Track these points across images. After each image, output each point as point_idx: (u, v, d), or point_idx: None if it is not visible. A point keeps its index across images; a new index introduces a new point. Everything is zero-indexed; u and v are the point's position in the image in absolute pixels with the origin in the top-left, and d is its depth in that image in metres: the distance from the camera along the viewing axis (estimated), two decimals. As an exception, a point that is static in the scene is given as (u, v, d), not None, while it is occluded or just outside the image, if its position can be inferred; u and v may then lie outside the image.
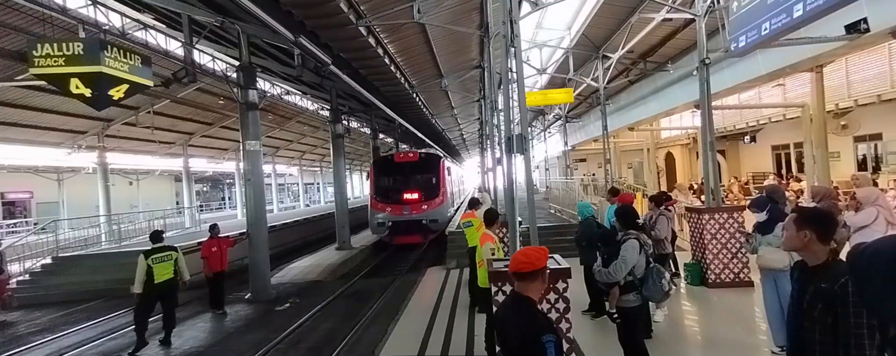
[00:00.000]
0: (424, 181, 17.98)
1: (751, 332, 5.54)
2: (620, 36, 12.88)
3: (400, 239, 17.04)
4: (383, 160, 19.24)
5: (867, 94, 12.92)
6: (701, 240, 7.59)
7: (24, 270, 12.73)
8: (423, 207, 16.98)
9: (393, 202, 17.28)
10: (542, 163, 34.67)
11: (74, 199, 21.14)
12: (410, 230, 16.92)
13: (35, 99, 14.07)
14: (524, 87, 5.19)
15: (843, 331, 1.81)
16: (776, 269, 4.51)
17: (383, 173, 18.29)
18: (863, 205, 4.89)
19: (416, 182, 17.87)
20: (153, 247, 7.31)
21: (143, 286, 7.07)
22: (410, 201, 17.18)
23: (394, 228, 16.97)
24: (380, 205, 17.28)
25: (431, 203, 17.17)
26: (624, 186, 19.88)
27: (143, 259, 7.10)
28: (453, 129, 30.41)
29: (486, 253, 5.06)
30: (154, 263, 7.12)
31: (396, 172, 18.13)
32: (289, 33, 8.27)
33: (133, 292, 7.25)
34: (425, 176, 18.07)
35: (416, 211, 16.94)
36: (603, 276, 4.08)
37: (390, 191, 17.75)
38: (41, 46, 7.49)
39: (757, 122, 18.34)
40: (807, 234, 2.02)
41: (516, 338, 2.18)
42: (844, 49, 8.99)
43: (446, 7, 10.31)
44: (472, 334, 6.16)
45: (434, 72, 15.24)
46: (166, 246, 7.51)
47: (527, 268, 2.29)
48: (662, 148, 25.98)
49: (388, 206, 17.14)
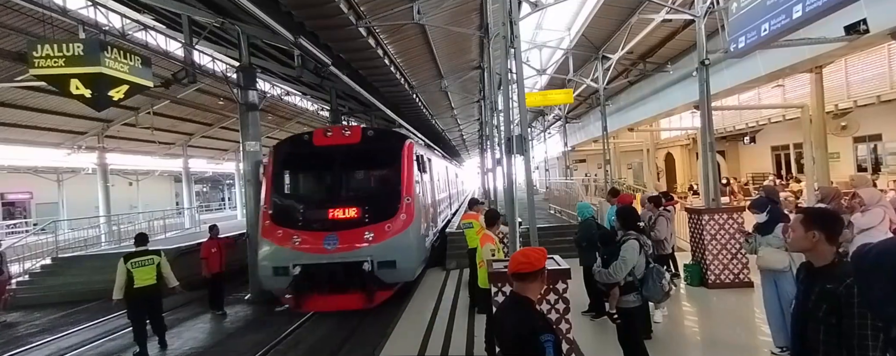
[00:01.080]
0: (372, 183, 9.95)
1: (751, 333, 5.54)
2: (620, 37, 12.89)
3: (315, 301, 8.29)
4: (292, 144, 9.91)
5: (867, 95, 12.94)
6: (701, 241, 7.59)
7: (23, 271, 12.72)
8: (366, 237, 8.32)
9: (304, 226, 8.63)
10: (542, 163, 34.67)
11: (74, 200, 21.12)
12: (339, 283, 8.18)
13: (35, 100, 14.06)
14: (524, 87, 5.20)
15: (848, 332, 1.80)
16: (776, 270, 4.51)
17: (291, 169, 9.68)
18: (867, 206, 4.87)
19: (354, 185, 9.58)
20: (134, 251, 7.02)
21: (122, 291, 6.75)
22: (340, 224, 8.48)
23: (304, 279, 8.10)
24: (278, 232, 8.56)
25: (384, 228, 8.43)
26: (624, 187, 19.89)
27: (123, 263, 6.82)
28: (453, 129, 30.41)
29: (486, 253, 5.06)
30: (134, 268, 6.82)
31: (316, 167, 9.59)
32: (289, 34, 8.27)
33: (113, 299, 6.86)
34: (374, 173, 9.93)
35: (352, 243, 8.27)
36: (603, 277, 4.09)
37: (301, 203, 9.17)
38: (41, 47, 7.48)
39: (756, 122, 18.36)
40: (816, 235, 2.01)
41: (514, 338, 2.19)
42: (844, 50, 9.00)
43: (446, 8, 10.32)
44: (471, 335, 6.15)
45: (434, 72, 15.24)
46: (149, 250, 7.15)
47: (525, 268, 2.30)
48: (662, 148, 26.00)
49: (294, 234, 8.47)
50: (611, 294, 4.11)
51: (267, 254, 8.41)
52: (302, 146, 9.42)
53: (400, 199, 8.66)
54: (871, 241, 1.36)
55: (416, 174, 9.32)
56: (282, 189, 9.32)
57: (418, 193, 9.25)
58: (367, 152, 9.27)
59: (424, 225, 9.55)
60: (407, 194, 8.72)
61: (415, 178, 9.13)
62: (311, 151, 9.23)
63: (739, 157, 22.45)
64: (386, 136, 10.07)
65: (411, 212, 8.61)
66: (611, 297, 4.14)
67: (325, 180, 9.57)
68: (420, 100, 17.75)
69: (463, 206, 18.45)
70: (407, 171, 9.01)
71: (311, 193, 9.73)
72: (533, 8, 10.00)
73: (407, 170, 9.04)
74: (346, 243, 8.14)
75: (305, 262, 8.01)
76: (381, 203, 8.76)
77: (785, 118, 16.31)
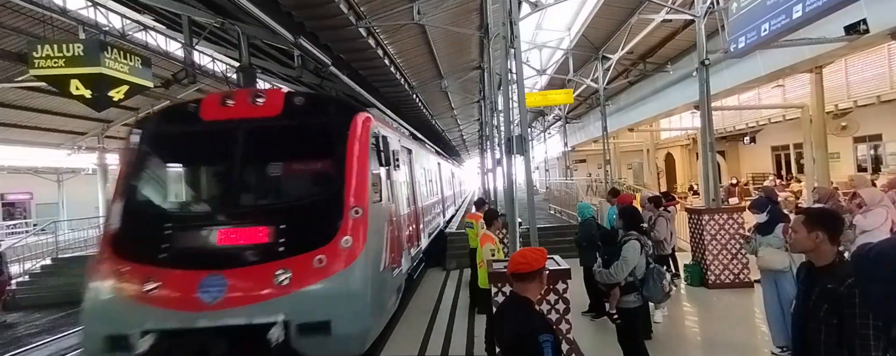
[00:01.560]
0: (295, 185, 5.70)
1: (751, 333, 5.54)
2: (620, 37, 12.89)
3: None
4: (166, 119, 5.76)
5: (867, 95, 12.93)
6: (701, 241, 7.59)
7: (23, 271, 12.72)
8: (277, 280, 4.33)
9: (169, 261, 4.52)
10: (542, 163, 34.67)
11: (74, 200, 21.13)
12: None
13: (35, 100, 14.07)
14: (524, 87, 5.20)
15: (849, 332, 1.80)
16: (776, 270, 4.51)
17: (158, 160, 5.48)
18: (869, 206, 4.85)
19: (263, 188, 5.47)
20: None
21: None
22: (233, 258, 4.51)
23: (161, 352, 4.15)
24: (121, 271, 4.51)
25: (312, 262, 4.44)
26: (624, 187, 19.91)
27: None
28: (453, 129, 30.41)
29: (486, 253, 5.07)
30: None
31: (201, 156, 5.59)
32: (289, 34, 8.27)
33: None
34: (300, 167, 5.82)
35: (251, 292, 4.34)
36: (604, 277, 4.09)
37: (167, 220, 4.87)
38: (41, 47, 7.49)
39: (756, 122, 18.35)
40: (819, 235, 2.01)
41: (514, 339, 2.19)
42: (844, 50, 9.00)
43: (446, 8, 10.32)
44: (472, 335, 6.15)
45: (434, 73, 15.24)
46: None
47: (524, 268, 2.30)
48: (662, 149, 26.00)
49: (149, 275, 4.39)
50: (611, 294, 4.12)
51: (97, 311, 4.53)
52: (182, 121, 5.39)
53: (342, 212, 4.74)
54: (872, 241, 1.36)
55: (376, 168, 5.53)
56: (135, 195, 5.12)
57: (379, 200, 5.52)
58: (289, 132, 5.29)
59: (388, 253, 5.52)
60: (355, 202, 4.82)
61: (372, 174, 5.28)
62: (195, 130, 5.25)
63: (739, 158, 22.44)
64: (323, 106, 5.85)
65: (361, 233, 4.74)
66: (611, 298, 4.14)
67: (213, 179, 5.65)
68: (420, 100, 17.74)
69: (460, 212, 17.77)
70: (356, 164, 5.07)
71: (186, 202, 5.63)
72: (533, 8, 10.00)
73: (357, 161, 5.10)
74: (241, 291, 4.32)
75: (165, 326, 4.21)
76: (309, 218, 4.85)
77: (785, 118, 16.30)
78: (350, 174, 5.00)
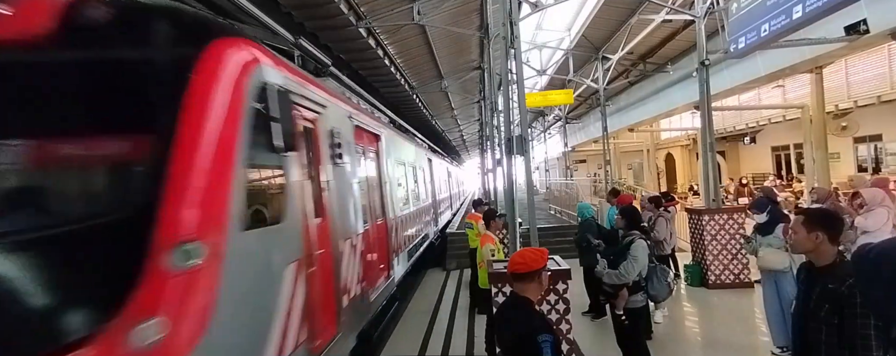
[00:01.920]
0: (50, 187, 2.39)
1: (751, 333, 5.54)
2: (620, 37, 12.90)
3: None
4: None
5: (867, 95, 12.93)
6: (701, 242, 7.59)
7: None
8: None
9: None
10: (542, 164, 34.68)
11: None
12: None
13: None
14: (524, 88, 5.20)
15: (850, 332, 1.80)
16: (776, 270, 4.51)
17: None
18: (870, 207, 4.84)
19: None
20: None
21: None
22: None
23: None
24: None
25: None
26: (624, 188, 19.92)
27: None
28: (453, 130, 30.42)
29: (486, 254, 5.07)
30: None
31: None
32: (289, 35, 8.27)
33: None
34: (66, 146, 2.38)
35: None
36: (613, 278, 4.02)
37: None
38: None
39: (757, 123, 18.35)
40: (819, 236, 2.01)
41: (514, 339, 2.19)
42: (844, 50, 9.00)
43: (446, 8, 10.33)
44: (472, 335, 6.15)
45: (434, 73, 15.24)
46: None
47: (524, 269, 2.30)
48: (662, 149, 26.01)
49: None
50: (620, 295, 4.06)
51: None
52: None
53: (144, 251, 2.03)
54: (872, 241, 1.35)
55: (270, 156, 2.87)
56: None
57: (271, 220, 2.90)
58: (56, 74, 2.47)
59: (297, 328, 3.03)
60: (188, 229, 2.15)
61: (250, 165, 2.67)
62: None
63: (739, 158, 22.44)
64: (142, 25, 2.61)
65: (198, 302, 2.14)
66: (620, 299, 4.08)
67: None
68: (420, 100, 17.76)
69: (458, 218, 16.88)
70: (203, 144, 2.34)
71: None
72: (533, 8, 10.00)
73: (204, 138, 2.36)
74: None
75: None
76: (58, 268, 2.07)
77: (785, 118, 16.30)
78: (183, 165, 2.26)
